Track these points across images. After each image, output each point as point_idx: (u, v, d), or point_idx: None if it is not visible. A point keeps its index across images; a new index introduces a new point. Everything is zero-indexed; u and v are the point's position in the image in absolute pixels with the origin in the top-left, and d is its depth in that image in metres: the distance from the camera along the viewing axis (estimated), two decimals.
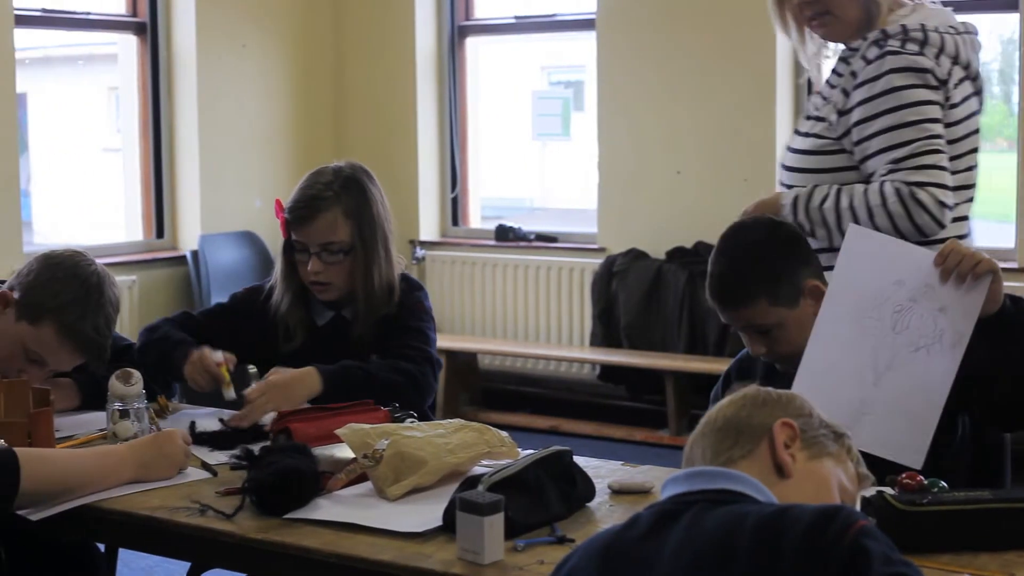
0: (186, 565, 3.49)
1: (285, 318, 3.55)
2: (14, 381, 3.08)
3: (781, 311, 2.87)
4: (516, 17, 8.56)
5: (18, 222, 7.08)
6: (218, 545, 2.56)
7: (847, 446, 2.01)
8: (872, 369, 2.77)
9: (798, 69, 7.30)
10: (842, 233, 3.00)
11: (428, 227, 8.48)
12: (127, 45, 8.11)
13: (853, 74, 3.30)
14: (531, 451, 2.71)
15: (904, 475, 2.39)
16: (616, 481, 2.75)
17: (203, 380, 3.38)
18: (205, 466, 2.94)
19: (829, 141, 3.33)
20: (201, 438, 3.17)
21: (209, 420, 3.34)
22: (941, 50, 3.26)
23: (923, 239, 3.13)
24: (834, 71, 3.41)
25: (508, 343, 8.13)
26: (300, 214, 3.47)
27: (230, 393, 3.34)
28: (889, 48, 3.24)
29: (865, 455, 2.10)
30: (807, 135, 3.38)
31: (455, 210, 8.61)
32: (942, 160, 3.20)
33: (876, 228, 3.11)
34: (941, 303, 2.73)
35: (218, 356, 3.35)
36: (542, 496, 2.52)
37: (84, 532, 2.92)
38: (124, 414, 3.14)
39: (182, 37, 7.95)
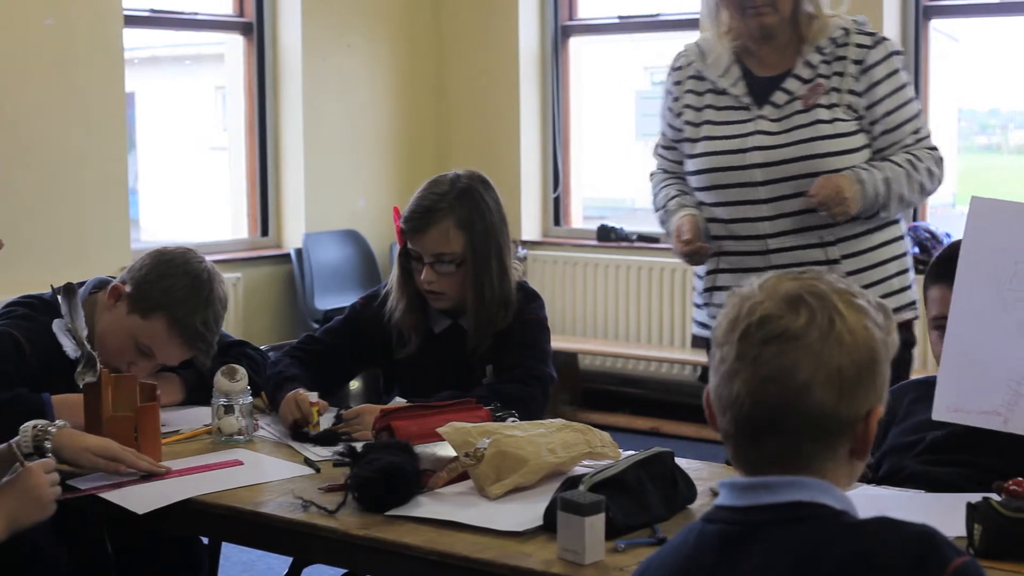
0: (287, 560, 3.52)
1: (400, 323, 3.56)
2: (122, 376, 3.13)
3: None
4: (619, 17, 8.53)
5: (126, 220, 7.18)
6: (320, 541, 2.57)
7: None
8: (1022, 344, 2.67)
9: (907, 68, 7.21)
10: (900, 202, 3.56)
11: (530, 227, 8.49)
12: (234, 45, 8.19)
13: (856, 61, 3.58)
14: (632, 452, 2.70)
15: (1011, 482, 2.34)
16: (718, 483, 2.72)
17: (294, 418, 3.29)
18: (308, 462, 2.96)
19: (852, 122, 3.59)
20: (305, 435, 3.19)
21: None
22: None
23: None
24: (806, 63, 3.62)
25: (609, 343, 8.11)
26: (414, 224, 3.45)
27: (312, 434, 3.26)
28: (878, 37, 3.64)
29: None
30: (833, 121, 3.57)
31: (557, 210, 8.61)
32: None
33: (924, 191, 3.63)
34: None
35: (313, 397, 3.31)
36: (643, 497, 2.51)
37: (188, 526, 2.96)
38: (229, 410, 3.17)
39: (288, 37, 8.02)
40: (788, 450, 1.70)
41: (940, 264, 2.95)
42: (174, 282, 3.34)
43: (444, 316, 3.57)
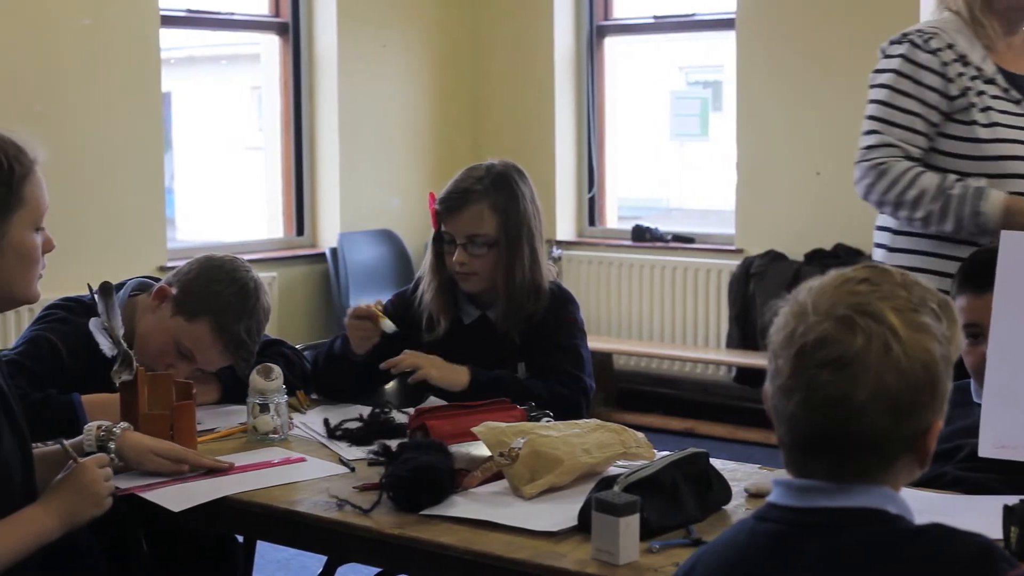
0: (321, 558, 3.53)
1: (429, 306, 3.62)
2: (158, 374, 3.14)
3: None
4: (654, 17, 8.52)
5: (162, 219, 7.21)
6: (354, 540, 2.58)
7: None
8: None
9: None
10: None
11: (565, 227, 8.49)
12: (270, 45, 8.22)
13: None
14: (667, 452, 2.70)
15: None
16: (753, 484, 2.72)
17: (364, 330, 3.51)
18: (343, 461, 2.97)
19: None
20: (340, 434, 3.20)
21: (344, 415, 3.36)
22: None
23: None
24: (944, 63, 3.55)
25: (644, 344, 8.10)
26: (449, 205, 3.53)
27: (388, 324, 3.47)
28: None
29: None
30: None
31: (592, 210, 8.60)
32: None
33: None
34: None
35: (367, 301, 3.50)
36: (678, 498, 2.51)
37: (224, 524, 2.97)
38: (264, 408, 3.18)
39: (324, 37, 8.04)
40: (844, 464, 1.69)
41: (964, 272, 2.93)
42: (221, 288, 3.36)
43: (474, 307, 3.63)
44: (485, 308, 3.62)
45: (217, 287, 3.36)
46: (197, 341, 3.33)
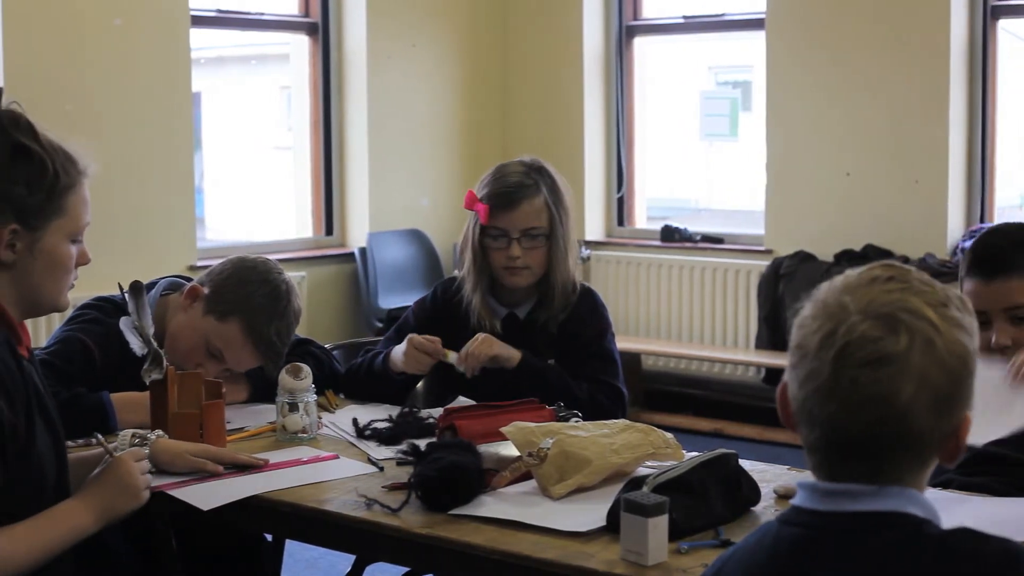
0: (350, 557, 3.54)
1: (478, 308, 3.63)
2: (187, 373, 3.15)
3: None
4: (684, 17, 8.51)
5: (192, 218, 7.23)
6: (383, 539, 2.58)
7: None
8: None
9: (972, 68, 7.15)
10: None
11: (594, 227, 8.48)
12: (299, 45, 8.24)
13: None
14: (696, 453, 2.69)
15: None
16: (782, 486, 2.71)
17: (422, 361, 3.51)
18: (371, 461, 2.97)
19: None
20: (369, 434, 3.20)
21: (372, 415, 3.36)
22: None
23: None
24: None
25: (672, 344, 8.09)
26: (505, 200, 3.56)
27: (454, 355, 3.48)
28: None
29: None
30: None
31: (621, 210, 8.59)
32: None
33: None
34: None
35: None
36: (707, 499, 2.50)
37: (252, 523, 2.98)
38: (293, 408, 3.19)
39: (353, 37, 8.06)
40: (880, 466, 1.67)
41: (974, 255, 2.91)
42: (253, 289, 3.37)
43: (501, 306, 3.66)
44: (513, 307, 3.65)
45: (249, 288, 3.37)
46: (227, 341, 3.34)
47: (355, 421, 3.29)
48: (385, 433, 3.19)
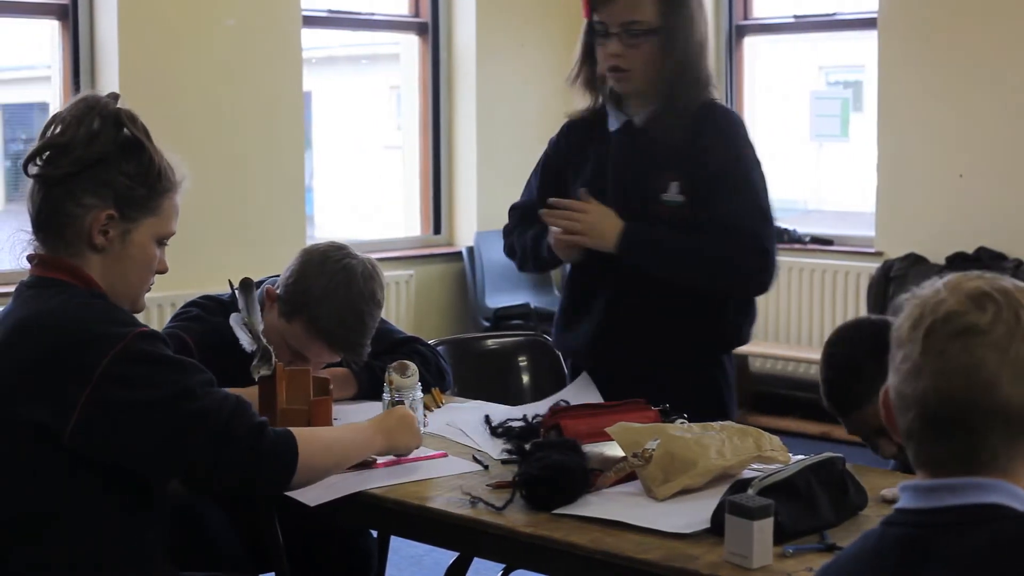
0: (454, 554, 3.55)
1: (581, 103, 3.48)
2: (296, 369, 3.17)
3: None
4: (795, 16, 8.45)
5: (302, 216, 7.31)
6: (487, 537, 2.59)
7: None
8: None
9: None
10: None
11: None
12: (409, 45, 8.29)
13: None
14: (802, 456, 2.67)
15: None
16: (889, 490, 2.68)
17: (568, 253, 3.44)
18: (476, 459, 2.98)
19: None
20: (501, 431, 3.16)
21: (477, 415, 3.35)
22: None
23: None
24: None
25: (780, 346, 8.03)
26: None
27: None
28: None
29: None
30: None
31: None
32: None
33: None
34: None
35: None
36: (813, 502, 2.48)
37: (358, 519, 3.00)
38: (399, 405, 3.20)
39: (462, 37, 8.09)
40: (974, 447, 1.66)
41: None
42: (310, 283, 3.33)
43: (620, 113, 3.43)
44: (632, 114, 3.39)
45: (307, 283, 3.33)
46: (299, 340, 3.33)
47: (487, 418, 3.25)
48: (517, 432, 3.12)
